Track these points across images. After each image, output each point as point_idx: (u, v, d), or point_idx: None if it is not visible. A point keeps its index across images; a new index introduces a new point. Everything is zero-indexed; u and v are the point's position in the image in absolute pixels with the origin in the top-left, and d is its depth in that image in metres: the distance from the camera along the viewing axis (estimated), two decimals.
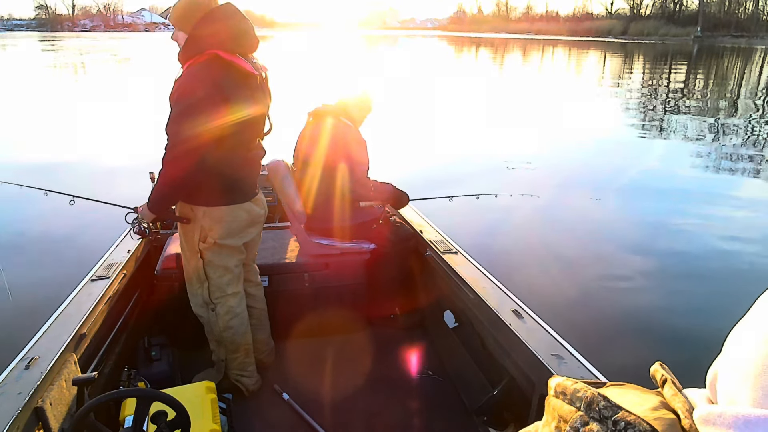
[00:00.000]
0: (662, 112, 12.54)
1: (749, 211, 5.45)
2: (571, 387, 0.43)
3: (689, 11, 78.94)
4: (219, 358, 2.10)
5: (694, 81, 20.83)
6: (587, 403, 0.40)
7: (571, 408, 0.42)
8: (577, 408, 0.41)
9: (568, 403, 0.43)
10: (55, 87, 16.04)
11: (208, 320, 2.03)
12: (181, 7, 1.74)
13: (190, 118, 1.68)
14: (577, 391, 0.42)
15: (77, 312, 1.82)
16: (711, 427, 0.36)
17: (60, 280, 3.06)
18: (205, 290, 1.98)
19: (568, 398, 0.43)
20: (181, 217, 1.90)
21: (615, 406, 0.39)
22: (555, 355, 1.61)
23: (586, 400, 0.41)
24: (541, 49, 46.67)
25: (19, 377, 1.47)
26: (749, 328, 0.39)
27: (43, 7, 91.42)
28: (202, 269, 1.95)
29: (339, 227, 2.53)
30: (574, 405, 0.42)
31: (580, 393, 0.42)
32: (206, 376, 2.11)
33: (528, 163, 6.96)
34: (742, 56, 38.79)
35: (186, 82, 1.71)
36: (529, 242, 4.43)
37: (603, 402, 0.39)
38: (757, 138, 9.69)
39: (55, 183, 5.59)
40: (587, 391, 0.41)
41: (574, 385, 0.43)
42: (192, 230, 1.90)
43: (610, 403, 0.39)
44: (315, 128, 2.47)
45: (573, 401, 0.42)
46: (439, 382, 2.28)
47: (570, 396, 0.43)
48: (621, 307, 3.41)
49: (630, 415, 0.38)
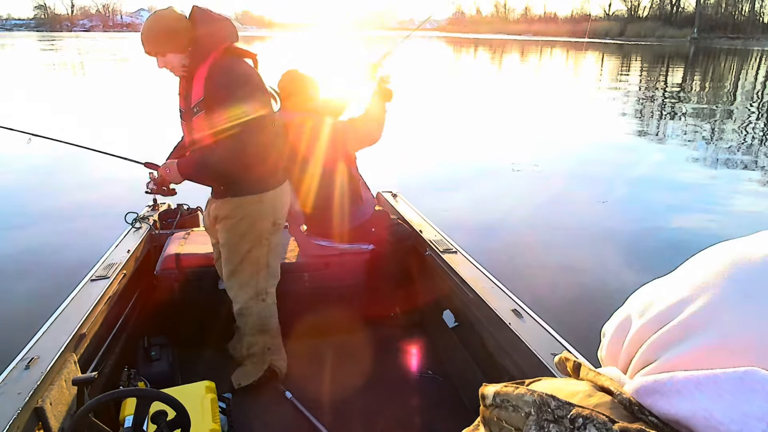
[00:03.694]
0: (661, 114, 12.58)
1: (749, 211, 5.47)
2: (514, 392, 0.40)
3: (686, 13, 79.23)
4: (259, 350, 2.12)
5: (691, 82, 20.90)
6: (537, 405, 0.38)
7: (520, 415, 0.39)
8: (527, 413, 0.38)
9: (514, 410, 0.40)
10: (54, 86, 15.99)
11: (257, 312, 2.06)
12: (162, 33, 1.76)
13: (255, 99, 1.80)
14: (522, 396, 0.39)
15: (77, 312, 1.81)
16: (656, 396, 0.36)
17: (60, 280, 3.06)
18: (261, 280, 2.03)
19: (513, 405, 0.40)
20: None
21: (566, 403, 0.37)
22: (554, 355, 1.61)
23: (536, 404, 0.38)
24: (539, 50, 46.77)
25: (19, 377, 1.47)
26: (676, 287, 0.38)
27: (41, 7, 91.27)
28: (265, 257, 2.01)
29: (338, 229, 2.53)
30: (523, 411, 0.39)
31: (527, 397, 0.39)
32: (243, 374, 2.12)
33: (536, 165, 6.98)
34: (739, 58, 38.92)
35: (236, 69, 1.79)
36: (529, 242, 4.44)
37: (554, 402, 0.37)
38: (757, 139, 9.73)
39: (53, 183, 5.59)
40: (533, 394, 0.39)
41: (517, 391, 0.40)
42: (261, 218, 1.95)
43: (561, 402, 0.37)
44: (314, 128, 2.46)
45: (520, 407, 0.39)
46: (439, 381, 2.29)
47: (515, 402, 0.40)
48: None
49: (583, 409, 0.36)
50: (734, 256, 0.37)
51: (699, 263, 0.39)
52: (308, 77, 2.46)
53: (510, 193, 5.88)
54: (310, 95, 2.46)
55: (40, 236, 4.29)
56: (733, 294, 0.35)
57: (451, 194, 5.58)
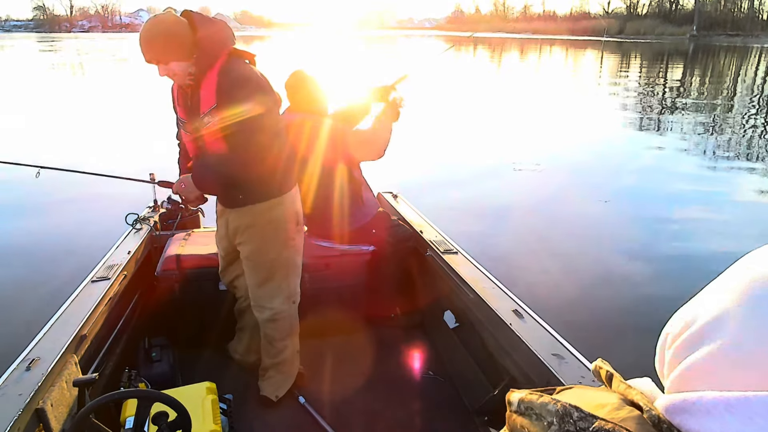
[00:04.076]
0: (661, 112, 12.57)
1: (749, 211, 5.46)
2: (538, 401, 0.40)
3: (685, 10, 79.17)
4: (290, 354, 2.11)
5: (691, 80, 20.88)
6: (560, 416, 0.38)
7: (543, 423, 0.39)
8: (549, 423, 0.38)
9: (537, 419, 0.40)
10: (53, 87, 15.98)
11: (288, 315, 2.05)
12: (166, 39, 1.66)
13: (272, 104, 1.79)
14: (545, 405, 0.39)
15: (78, 313, 1.82)
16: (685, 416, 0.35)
17: (60, 281, 3.06)
18: (292, 282, 2.04)
19: (536, 413, 0.40)
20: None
21: (590, 415, 0.36)
22: (555, 355, 1.61)
23: (558, 414, 0.38)
24: (539, 49, 46.74)
25: (19, 378, 1.47)
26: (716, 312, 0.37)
27: (40, 8, 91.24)
28: (293, 258, 2.01)
29: (339, 230, 2.52)
30: (545, 420, 0.39)
31: (550, 406, 0.39)
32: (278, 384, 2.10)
33: (537, 165, 6.97)
34: (738, 55, 38.88)
35: (248, 74, 1.75)
36: (531, 242, 4.43)
37: (576, 413, 0.37)
38: (758, 136, 9.72)
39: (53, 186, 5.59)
40: (557, 404, 0.38)
41: (541, 399, 0.40)
42: (286, 220, 1.94)
43: (584, 413, 0.37)
44: (313, 128, 2.46)
45: (543, 416, 0.39)
46: (440, 382, 2.29)
47: (539, 410, 0.40)
48: (622, 306, 3.41)
49: (607, 423, 0.35)
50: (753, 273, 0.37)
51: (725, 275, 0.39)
52: (312, 78, 2.45)
53: (511, 192, 5.87)
54: (314, 96, 2.45)
55: (40, 237, 4.29)
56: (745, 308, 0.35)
57: (451, 194, 5.58)
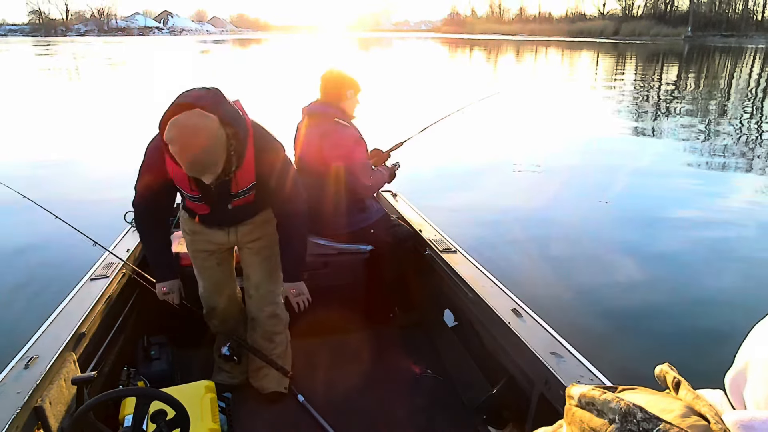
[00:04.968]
0: (659, 113, 12.61)
1: (748, 210, 5.47)
2: (601, 397, 0.40)
3: (680, 11, 79.54)
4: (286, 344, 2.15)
5: (686, 80, 20.96)
6: (622, 414, 0.37)
7: (603, 420, 0.39)
8: (611, 420, 0.38)
9: (598, 414, 0.39)
10: (49, 92, 15.95)
11: (284, 306, 2.11)
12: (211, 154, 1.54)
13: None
14: (608, 402, 0.39)
15: (76, 311, 1.81)
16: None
17: (59, 279, 3.05)
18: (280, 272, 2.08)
19: (597, 409, 0.40)
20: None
21: (654, 417, 0.36)
22: (554, 354, 1.61)
23: (621, 412, 0.37)
24: (535, 50, 46.88)
25: (18, 376, 1.47)
26: None
27: (36, 12, 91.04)
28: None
29: (337, 229, 2.51)
30: (606, 417, 0.38)
31: (613, 404, 0.38)
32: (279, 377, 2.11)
33: (537, 166, 6.98)
34: (733, 55, 39.08)
35: (270, 135, 1.80)
36: (529, 241, 4.43)
37: (640, 413, 0.36)
38: (754, 137, 9.76)
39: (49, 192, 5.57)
40: (620, 402, 0.38)
41: (603, 395, 0.40)
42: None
43: (648, 415, 0.36)
44: (309, 130, 2.45)
45: (604, 412, 0.39)
46: (439, 380, 2.28)
47: (600, 407, 0.39)
48: (620, 306, 3.41)
49: (672, 427, 0.35)
50: None
51: None
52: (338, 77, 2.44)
53: (510, 193, 5.89)
54: (332, 92, 2.43)
55: (40, 235, 4.27)
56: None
57: (451, 194, 5.59)
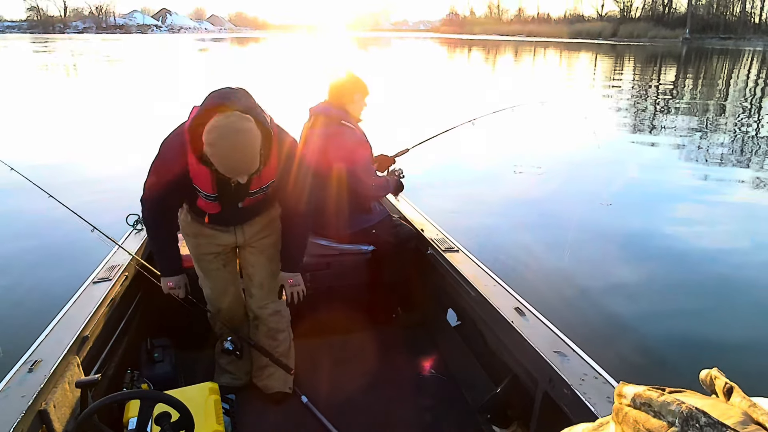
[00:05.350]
0: (659, 114, 12.64)
1: (749, 209, 5.50)
2: (658, 399, 0.39)
3: (678, 14, 79.77)
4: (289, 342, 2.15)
5: (684, 82, 21.03)
6: (684, 418, 0.36)
7: (661, 422, 0.38)
8: (670, 423, 0.37)
9: (655, 416, 0.39)
10: (47, 90, 15.89)
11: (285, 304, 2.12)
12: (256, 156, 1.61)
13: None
14: (667, 404, 0.38)
15: (80, 314, 1.81)
16: None
17: (62, 282, 3.04)
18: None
19: (654, 411, 0.39)
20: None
21: (719, 423, 0.35)
22: (558, 353, 1.61)
23: (682, 415, 0.36)
24: (533, 51, 46.95)
25: (22, 380, 1.46)
26: None
27: (34, 9, 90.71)
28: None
29: (339, 230, 2.51)
30: (665, 419, 0.38)
31: (673, 407, 0.37)
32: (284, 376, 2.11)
33: (538, 168, 6.98)
34: (730, 58, 39.22)
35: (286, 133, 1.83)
36: (532, 241, 4.44)
37: (704, 418, 0.35)
38: (752, 137, 9.80)
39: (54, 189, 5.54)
40: (681, 405, 0.37)
41: (662, 397, 0.39)
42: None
43: (712, 420, 0.35)
44: (313, 130, 2.45)
45: (662, 414, 0.38)
46: (442, 380, 2.29)
47: (658, 408, 0.39)
48: (623, 304, 3.42)
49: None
50: None
51: None
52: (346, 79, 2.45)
53: (512, 193, 5.90)
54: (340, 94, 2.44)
55: (42, 238, 4.26)
56: None
57: (453, 194, 5.59)
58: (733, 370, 0.60)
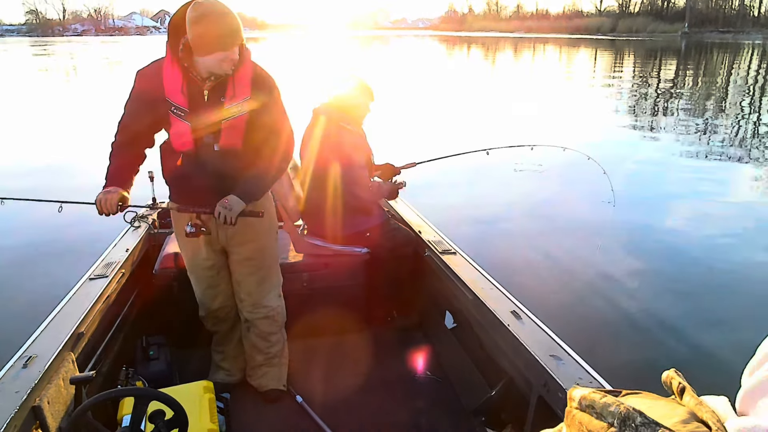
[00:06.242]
0: (661, 110, 12.60)
1: (751, 209, 5.46)
2: (600, 400, 0.40)
3: (677, 8, 79.63)
4: (282, 344, 2.12)
5: (684, 76, 20.99)
6: (621, 419, 0.37)
7: (602, 423, 0.39)
8: (609, 424, 0.38)
9: (597, 417, 0.39)
10: (46, 92, 15.91)
11: (281, 307, 2.07)
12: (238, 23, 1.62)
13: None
14: (607, 405, 0.39)
15: (75, 311, 1.81)
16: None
17: (58, 279, 3.05)
18: (279, 273, 2.06)
19: (596, 412, 0.40)
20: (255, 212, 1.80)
21: (653, 422, 0.36)
22: (553, 356, 1.60)
23: (620, 416, 0.37)
24: (533, 47, 46.88)
25: (16, 376, 1.47)
26: None
27: (33, 12, 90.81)
28: (277, 248, 2.04)
29: (335, 231, 2.50)
30: (605, 420, 0.39)
31: (612, 408, 0.38)
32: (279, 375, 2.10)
33: (539, 165, 6.95)
34: (730, 51, 39.12)
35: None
36: (529, 243, 4.41)
37: (639, 418, 0.36)
38: (753, 132, 9.77)
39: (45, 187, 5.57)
40: (620, 406, 0.38)
41: (603, 399, 0.40)
42: (272, 208, 1.99)
43: (647, 420, 0.36)
44: (310, 129, 2.46)
45: (603, 415, 0.39)
46: (438, 382, 2.28)
47: (599, 410, 0.39)
48: (619, 308, 3.39)
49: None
50: None
51: None
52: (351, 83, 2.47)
53: (511, 194, 5.87)
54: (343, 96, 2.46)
55: (38, 234, 4.26)
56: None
57: (451, 194, 5.57)
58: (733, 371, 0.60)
